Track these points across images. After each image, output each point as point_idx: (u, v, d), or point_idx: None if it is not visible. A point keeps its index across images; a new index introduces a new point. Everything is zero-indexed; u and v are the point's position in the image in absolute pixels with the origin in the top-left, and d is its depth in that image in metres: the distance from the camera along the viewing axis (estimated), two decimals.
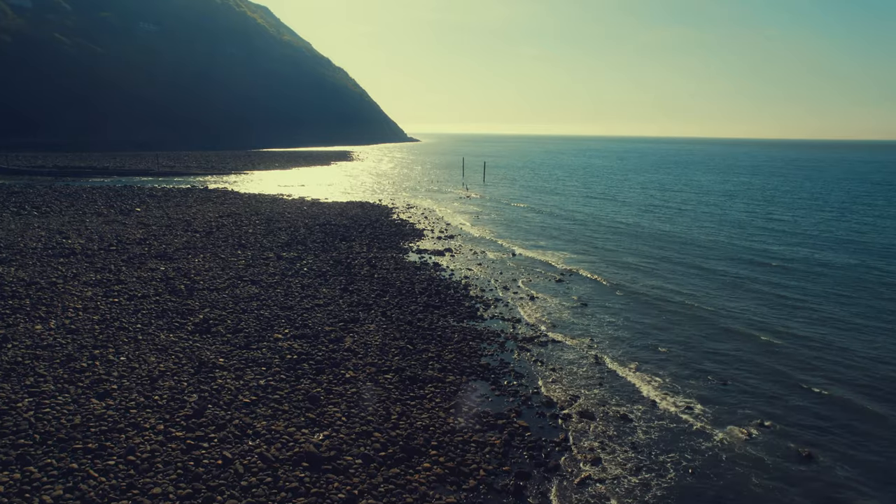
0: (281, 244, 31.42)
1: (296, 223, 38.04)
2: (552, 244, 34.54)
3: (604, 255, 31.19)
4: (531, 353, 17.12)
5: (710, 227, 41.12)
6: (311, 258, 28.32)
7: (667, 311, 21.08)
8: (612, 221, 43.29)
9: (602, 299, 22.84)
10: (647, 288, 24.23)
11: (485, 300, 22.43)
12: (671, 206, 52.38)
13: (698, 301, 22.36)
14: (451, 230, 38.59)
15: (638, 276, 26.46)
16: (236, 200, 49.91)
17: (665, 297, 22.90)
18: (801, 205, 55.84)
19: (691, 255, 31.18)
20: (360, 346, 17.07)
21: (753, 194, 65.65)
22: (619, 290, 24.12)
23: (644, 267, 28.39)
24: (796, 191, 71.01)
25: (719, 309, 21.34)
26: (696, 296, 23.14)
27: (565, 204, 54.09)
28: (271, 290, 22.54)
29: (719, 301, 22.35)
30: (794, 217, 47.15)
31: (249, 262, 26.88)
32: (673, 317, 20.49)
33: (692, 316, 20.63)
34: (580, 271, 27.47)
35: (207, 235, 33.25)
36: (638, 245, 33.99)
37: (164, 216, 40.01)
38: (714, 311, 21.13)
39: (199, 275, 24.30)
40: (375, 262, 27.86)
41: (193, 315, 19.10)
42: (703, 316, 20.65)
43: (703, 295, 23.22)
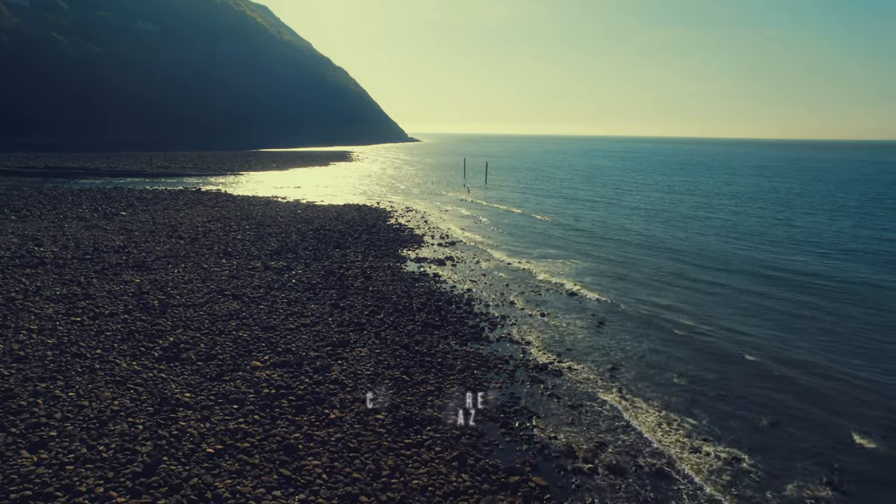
0: (270, 252, 29.28)
1: (288, 228, 35.91)
2: (560, 253, 32.32)
3: (616, 267, 28.69)
4: (545, 386, 14.95)
5: (726, 235, 38.48)
6: (300, 268, 26.17)
7: (691, 338, 18.56)
8: (621, 228, 40.87)
9: (619, 319, 20.59)
10: (666, 309, 21.61)
11: (490, 318, 20.27)
12: (682, 212, 49.68)
13: (725, 327, 19.67)
14: (452, 236, 36.44)
15: (655, 293, 23.95)
16: (228, 203, 47.80)
17: (688, 321, 20.25)
18: (818, 209, 53.55)
19: (711, 269, 28.42)
20: (349, 376, 14.91)
21: (766, 197, 63.44)
22: (637, 308, 21.74)
23: (661, 283, 25.84)
24: (809, 193, 68.77)
25: (751, 337, 18.70)
26: (720, 320, 20.46)
27: (571, 208, 51.90)
28: (254, 306, 20.39)
29: (750, 328, 19.59)
30: (815, 223, 44.61)
31: (233, 273, 24.75)
32: (698, 344, 18.07)
33: (719, 345, 18.02)
34: (592, 285, 25.15)
35: (192, 242, 31.12)
36: (651, 257, 31.35)
37: (150, 221, 37.90)
38: (745, 340, 18.45)
39: (176, 288, 22.16)
40: (370, 273, 25.71)
41: (163, 337, 16.96)
42: (732, 346, 17.97)
43: (729, 320, 20.49)
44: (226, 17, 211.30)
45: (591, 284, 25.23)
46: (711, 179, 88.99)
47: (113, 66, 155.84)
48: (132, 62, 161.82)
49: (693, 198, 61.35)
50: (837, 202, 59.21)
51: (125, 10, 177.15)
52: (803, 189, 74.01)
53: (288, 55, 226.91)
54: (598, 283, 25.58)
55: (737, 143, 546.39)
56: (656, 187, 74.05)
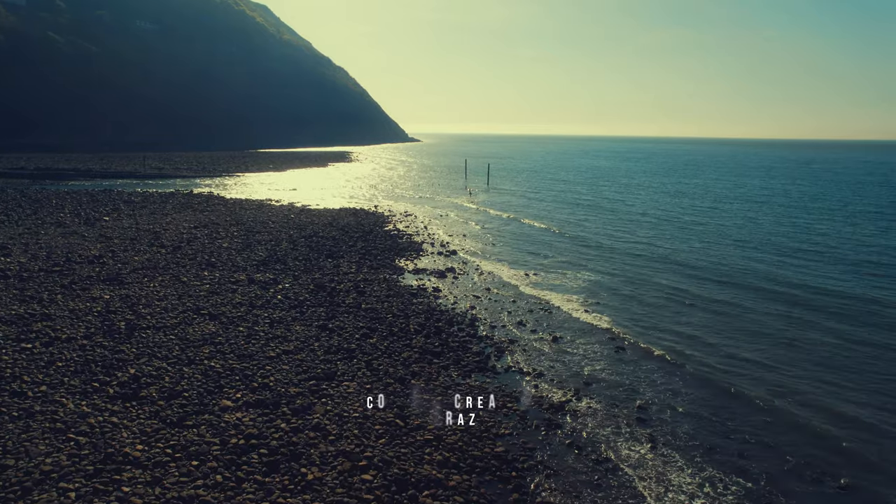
0: (257, 263, 27.12)
1: (278, 235, 33.75)
2: (569, 264, 30.01)
3: (630, 284, 25.89)
4: (562, 432, 12.75)
5: (743, 245, 35.47)
6: (288, 281, 24.02)
7: (719, 376, 15.95)
8: (631, 238, 38.02)
9: (639, 347, 18.24)
10: (691, 339, 18.64)
11: (497, 343, 18.08)
12: (693, 219, 46.70)
13: (761, 363, 16.77)
14: (453, 244, 34.25)
15: (676, 317, 21.17)
16: (218, 207, 45.67)
17: (714, 355, 17.51)
18: (835, 213, 51.03)
19: (733, 287, 25.35)
20: (334, 419, 12.74)
21: (779, 200, 61.07)
22: (658, 335, 19.12)
23: (680, 304, 22.94)
24: (823, 196, 66.29)
25: (792, 379, 15.78)
26: (753, 354, 17.53)
27: (577, 214, 49.56)
28: (232, 328, 18.22)
29: (791, 368, 16.50)
30: (835, 229, 41.66)
31: (214, 288, 22.59)
32: (728, 383, 15.43)
33: (757, 390, 15.27)
34: (606, 305, 22.70)
35: (174, 251, 28.97)
36: (667, 272, 28.02)
37: (133, 226, 35.77)
38: (787, 383, 15.42)
39: (148, 306, 20.01)
40: (364, 287, 23.54)
41: (123, 369, 14.80)
42: (774, 390, 15.07)
43: (764, 354, 17.38)
44: (225, 16, 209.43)
45: (604, 304, 22.80)
46: (719, 182, 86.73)
47: (111, 65, 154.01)
48: (130, 62, 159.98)
49: (703, 202, 59.13)
50: (854, 206, 56.87)
51: (123, 8, 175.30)
52: (817, 192, 71.62)
53: (288, 55, 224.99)
54: (611, 302, 23.15)
55: (736, 143, 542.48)
56: (663, 190, 71.85)
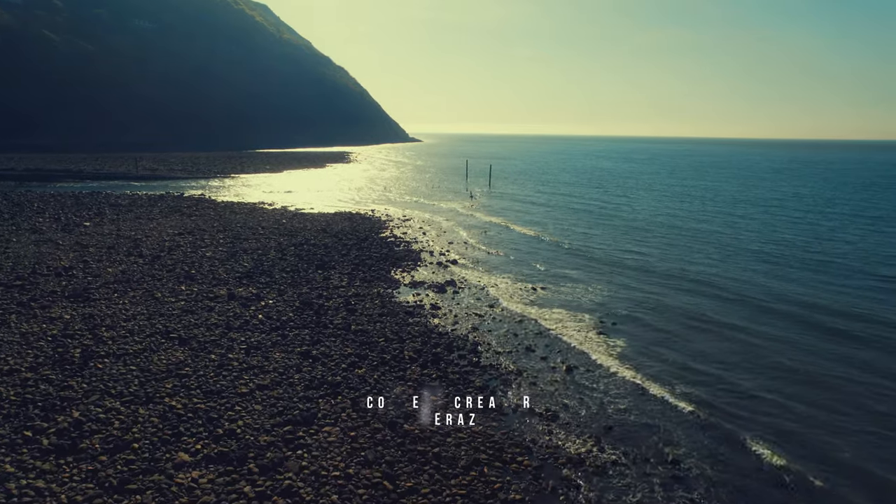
0: (240, 274, 24.96)
1: (267, 243, 31.58)
2: (579, 277, 27.65)
3: (646, 301, 23.39)
4: (585, 499, 10.58)
5: (767, 258, 31.65)
6: (272, 297, 21.87)
7: (762, 424, 13.79)
8: (642, 249, 35.52)
9: (664, 377, 16.11)
10: (722, 387, 15.68)
11: (502, 373, 15.91)
12: (709, 227, 43.12)
13: (814, 403, 14.50)
14: (453, 252, 32.04)
15: (703, 346, 18.41)
16: (208, 211, 43.51)
17: (753, 402, 14.98)
18: (860, 220, 47.32)
19: (761, 311, 22.14)
20: (308, 481, 10.58)
21: (793, 205, 58.58)
22: (686, 371, 16.65)
23: (704, 330, 19.96)
24: (841, 200, 63.19)
25: (846, 451, 12.66)
26: (798, 400, 15.00)
27: (583, 220, 47.10)
28: (203, 355, 16.07)
29: (847, 421, 13.81)
30: (867, 241, 37.75)
31: (189, 306, 20.43)
32: (776, 432, 13.47)
33: (819, 444, 13.04)
34: (624, 325, 20.25)
35: (153, 261, 26.82)
36: (684, 293, 24.68)
37: (114, 233, 33.63)
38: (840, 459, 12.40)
39: (112, 328, 17.86)
40: (355, 304, 21.37)
41: (66, 411, 12.65)
42: (835, 443, 12.74)
43: (811, 399, 14.83)
44: (224, 15, 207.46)
45: (620, 327, 20.36)
46: (727, 184, 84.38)
47: (109, 64, 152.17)
48: (129, 61, 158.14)
49: (714, 206, 56.80)
50: (873, 210, 54.35)
51: (122, 7, 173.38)
52: (831, 194, 69.07)
53: (288, 54, 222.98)
54: (626, 325, 20.71)
55: (733, 143, 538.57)
56: (670, 193, 69.58)
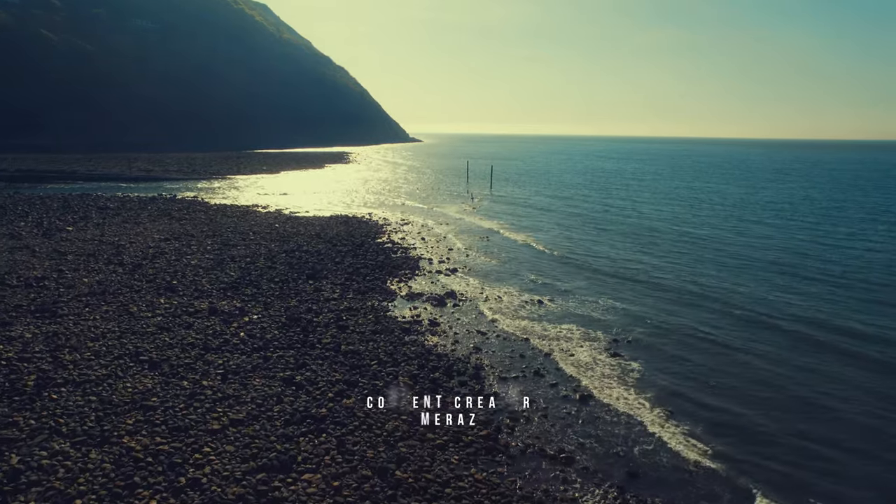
0: (225, 285, 23.26)
1: (256, 250, 29.86)
2: (588, 289, 25.70)
3: (658, 319, 21.39)
4: None
5: (785, 273, 28.47)
6: (258, 311, 20.15)
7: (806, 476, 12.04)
8: (653, 258, 32.77)
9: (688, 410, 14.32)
10: (752, 420, 13.92)
11: (509, 404, 14.17)
12: (719, 234, 39.74)
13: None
14: (453, 260, 30.29)
15: (725, 374, 16.35)
16: (198, 215, 41.82)
17: (801, 455, 12.97)
18: (881, 223, 45.58)
19: (794, 339, 19.26)
20: None
21: (806, 208, 56.48)
22: (706, 397, 15.04)
23: (727, 358, 17.59)
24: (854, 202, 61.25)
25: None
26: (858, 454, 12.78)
27: (591, 226, 44.86)
28: (174, 382, 14.36)
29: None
30: (890, 248, 35.23)
31: (166, 322, 18.72)
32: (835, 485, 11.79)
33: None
34: (638, 348, 18.23)
35: (133, 270, 25.12)
36: (702, 310, 22.18)
37: (96, 238, 31.93)
38: None
39: (77, 349, 16.16)
40: (347, 319, 19.66)
41: (3, 457, 10.93)
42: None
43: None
44: (224, 15, 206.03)
45: (634, 348, 18.46)
46: (733, 186, 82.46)
47: (108, 64, 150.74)
48: (128, 60, 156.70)
49: (723, 210, 54.90)
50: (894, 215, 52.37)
51: (121, 7, 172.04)
52: (844, 196, 67.05)
53: (288, 54, 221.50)
54: (641, 347, 18.71)
55: (730, 143, 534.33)
56: (675, 196, 67.75)
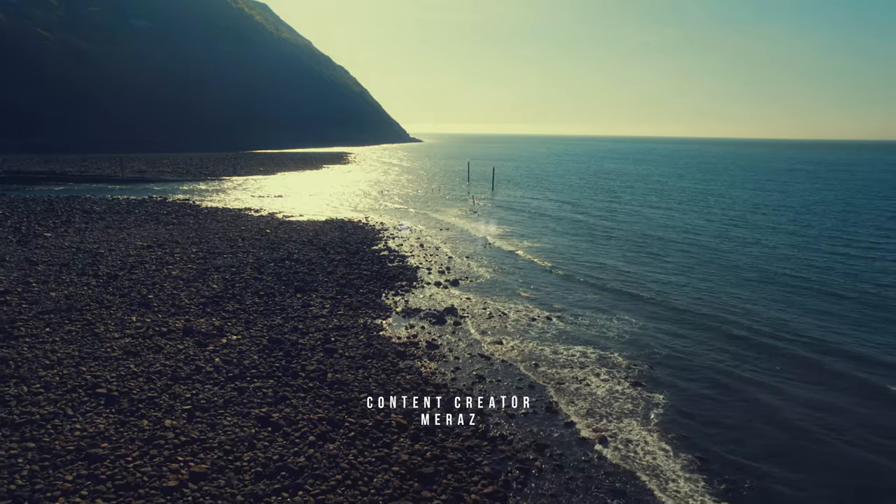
0: (206, 300, 21.32)
1: (244, 259, 27.91)
2: (599, 304, 23.48)
3: (679, 336, 19.47)
4: None
5: (829, 300, 23.97)
6: (237, 331, 18.21)
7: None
8: (665, 273, 30.14)
9: (730, 476, 12.37)
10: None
11: (518, 450, 12.16)
12: (744, 250, 33.99)
13: None
14: (454, 270, 28.29)
15: (763, 430, 13.64)
16: (187, 219, 39.88)
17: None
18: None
19: (832, 382, 16.13)
20: None
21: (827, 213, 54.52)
22: (742, 452, 13.13)
23: (759, 405, 14.67)
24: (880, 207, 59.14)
25: None
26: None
27: (598, 230, 42.64)
28: (131, 422, 12.42)
29: None
30: None
31: (134, 345, 16.77)
32: None
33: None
34: (662, 372, 16.33)
35: (107, 283, 23.19)
36: (732, 343, 18.86)
37: (75, 245, 30.01)
38: None
39: (25, 380, 14.22)
40: (336, 342, 17.70)
41: None
42: None
43: None
44: (224, 14, 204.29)
45: (656, 375, 16.34)
46: (742, 189, 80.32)
47: (104, 64, 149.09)
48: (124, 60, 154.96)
49: (735, 214, 52.70)
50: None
51: (117, 6, 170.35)
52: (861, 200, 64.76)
53: (287, 53, 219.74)
54: (665, 372, 16.68)
55: (726, 143, 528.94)
56: (683, 199, 65.71)
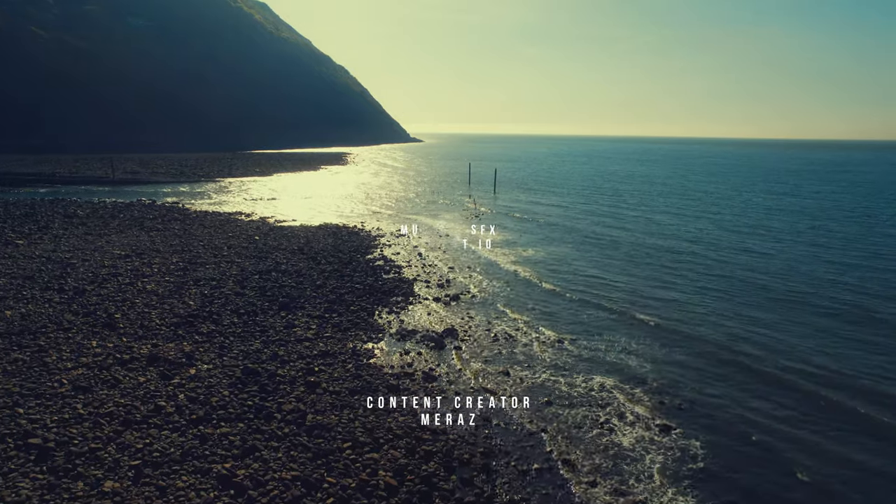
0: (178, 320, 19.14)
1: (227, 270, 25.73)
2: (613, 324, 21.16)
3: (705, 361, 17.48)
4: None
5: (867, 327, 20.74)
6: (209, 358, 16.04)
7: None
8: (681, 290, 28.24)
9: None
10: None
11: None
12: (768, 266, 29.81)
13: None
14: (454, 283, 26.02)
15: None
16: (173, 224, 37.72)
17: None
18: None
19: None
20: None
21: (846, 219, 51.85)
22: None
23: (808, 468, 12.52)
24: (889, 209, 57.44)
25: None
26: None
27: (606, 240, 39.78)
28: (61, 487, 10.25)
29: None
30: None
31: (87, 377, 14.60)
32: None
33: None
34: (691, 407, 14.25)
35: (72, 299, 21.04)
36: (766, 385, 15.86)
37: (45, 255, 27.84)
38: None
39: None
40: (320, 371, 15.53)
41: None
42: None
43: None
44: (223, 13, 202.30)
45: (690, 419, 13.95)
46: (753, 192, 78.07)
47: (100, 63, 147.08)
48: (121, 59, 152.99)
49: (750, 220, 50.50)
50: None
51: (115, 4, 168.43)
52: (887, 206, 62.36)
53: (287, 53, 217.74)
54: (700, 419, 14.15)
55: (724, 143, 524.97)
56: (692, 204, 63.45)
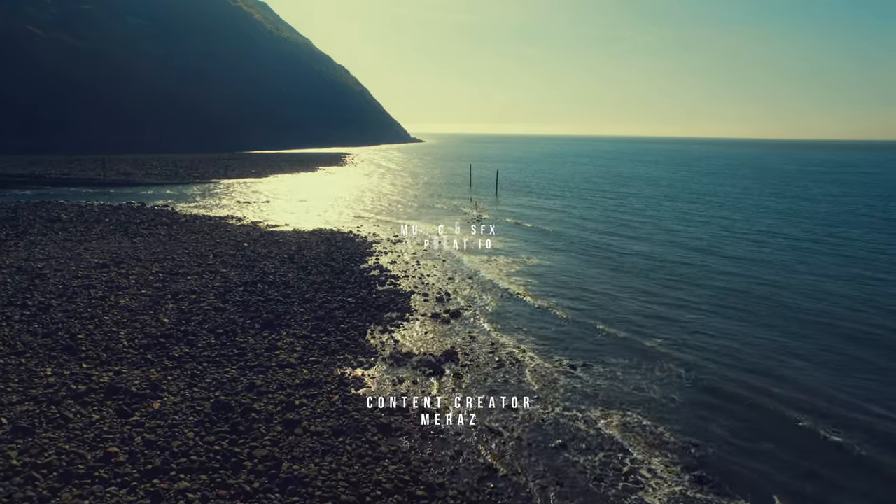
0: (149, 341, 17.28)
1: (210, 282, 23.87)
2: (629, 349, 18.73)
3: (733, 390, 15.63)
4: None
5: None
6: (176, 389, 14.16)
7: None
8: (699, 310, 25.47)
9: None
10: None
11: None
12: (794, 287, 25.81)
13: None
14: (454, 297, 24.06)
15: None
16: (159, 229, 35.89)
17: None
18: None
19: None
20: None
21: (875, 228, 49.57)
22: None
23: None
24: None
25: None
26: None
27: (616, 252, 36.29)
28: None
29: None
30: None
31: (29, 416, 12.72)
32: None
33: None
34: (724, 452, 12.49)
35: (34, 316, 19.18)
36: (805, 435, 13.34)
37: (15, 264, 25.98)
38: None
39: None
40: (301, 406, 13.65)
41: None
42: None
43: None
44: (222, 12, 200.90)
45: (725, 472, 12.03)
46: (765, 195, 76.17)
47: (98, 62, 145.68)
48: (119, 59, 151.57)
49: (766, 226, 48.74)
50: None
51: (113, 4, 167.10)
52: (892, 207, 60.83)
53: (286, 52, 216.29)
54: (737, 471, 12.56)
55: (722, 143, 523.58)
56: (703, 208, 61.58)
